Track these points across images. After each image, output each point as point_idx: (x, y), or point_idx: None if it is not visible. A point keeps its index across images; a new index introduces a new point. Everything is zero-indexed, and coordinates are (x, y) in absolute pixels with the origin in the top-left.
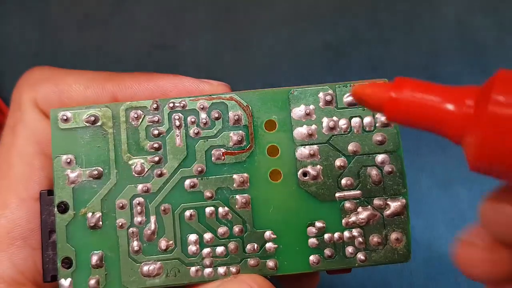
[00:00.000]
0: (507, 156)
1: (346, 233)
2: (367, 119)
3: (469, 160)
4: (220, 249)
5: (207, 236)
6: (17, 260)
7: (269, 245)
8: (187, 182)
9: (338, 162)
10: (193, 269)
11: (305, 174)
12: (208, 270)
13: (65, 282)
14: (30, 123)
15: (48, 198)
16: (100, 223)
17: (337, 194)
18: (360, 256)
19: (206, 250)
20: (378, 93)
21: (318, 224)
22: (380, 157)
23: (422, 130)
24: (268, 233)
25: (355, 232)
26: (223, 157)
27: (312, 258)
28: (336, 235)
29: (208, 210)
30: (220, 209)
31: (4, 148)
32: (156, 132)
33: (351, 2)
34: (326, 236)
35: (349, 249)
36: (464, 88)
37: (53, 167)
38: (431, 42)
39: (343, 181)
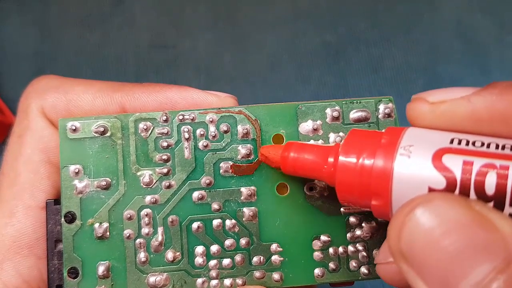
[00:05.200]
0: (352, 196)
1: (350, 247)
2: None
3: (338, 198)
4: (226, 261)
5: (214, 248)
6: (23, 269)
7: (275, 257)
8: (195, 194)
9: None
10: (199, 280)
11: (311, 188)
12: (214, 282)
13: None
14: (37, 131)
15: (54, 207)
16: (108, 233)
17: (342, 209)
18: (364, 269)
19: (212, 262)
20: (275, 154)
21: (324, 237)
22: None
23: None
24: (274, 246)
25: (359, 246)
26: (231, 170)
27: (317, 271)
28: (341, 248)
29: (216, 222)
30: (228, 222)
31: (11, 156)
32: (165, 144)
33: (351, 2)
34: (331, 249)
35: (353, 262)
36: (329, 148)
37: (61, 177)
38: (431, 42)
39: None
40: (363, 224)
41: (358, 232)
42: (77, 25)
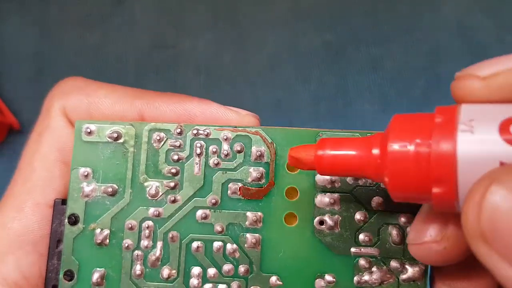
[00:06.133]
0: (408, 189)
1: None
2: None
3: (390, 195)
4: (222, 287)
5: (211, 271)
6: (24, 265)
7: None
8: (199, 212)
9: (359, 215)
10: None
11: (321, 222)
12: None
13: None
14: (55, 130)
15: (61, 207)
16: (107, 241)
17: (352, 249)
18: None
19: (207, 286)
20: (308, 154)
21: (328, 277)
22: (404, 217)
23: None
24: (274, 279)
25: None
26: (239, 192)
27: None
28: None
29: (216, 244)
30: (229, 246)
31: (29, 153)
32: (176, 157)
33: (351, 2)
34: None
35: None
36: (371, 138)
37: (70, 178)
38: (431, 42)
39: (361, 236)
40: (373, 269)
41: (366, 277)
42: (77, 25)
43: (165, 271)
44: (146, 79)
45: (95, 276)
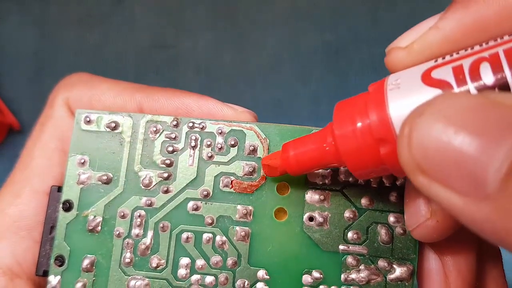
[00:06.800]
0: (365, 162)
1: None
2: None
3: (353, 174)
4: (209, 279)
5: (200, 262)
6: (18, 250)
7: (260, 285)
8: (191, 203)
9: (348, 213)
10: None
11: (311, 218)
12: None
13: (53, 279)
14: (57, 120)
15: (57, 194)
16: (99, 228)
17: (341, 246)
18: None
19: (195, 277)
20: (275, 159)
21: (316, 273)
22: (393, 216)
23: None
24: (261, 272)
25: None
26: (231, 185)
27: None
28: None
29: (206, 236)
30: (218, 238)
31: (31, 141)
32: (170, 148)
33: (351, 2)
34: None
35: None
36: (324, 129)
37: (67, 165)
38: None
39: (350, 234)
40: (361, 267)
41: (353, 275)
42: (77, 25)
43: (154, 261)
44: (146, 79)
45: (85, 263)
